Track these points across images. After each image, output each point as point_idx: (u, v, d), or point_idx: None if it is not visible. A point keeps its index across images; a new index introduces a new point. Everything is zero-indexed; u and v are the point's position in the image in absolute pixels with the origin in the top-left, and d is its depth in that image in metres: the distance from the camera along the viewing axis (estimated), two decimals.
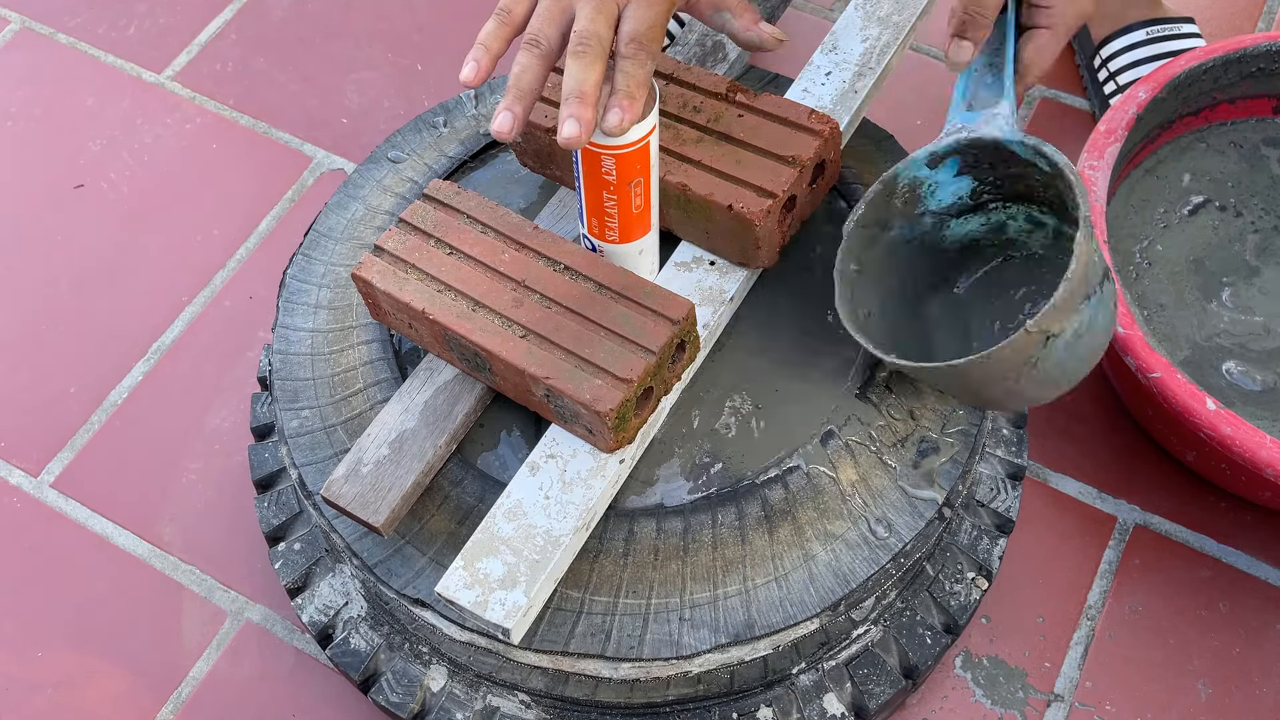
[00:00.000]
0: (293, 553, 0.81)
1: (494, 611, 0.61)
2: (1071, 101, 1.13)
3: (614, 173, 0.62)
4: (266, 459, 0.84)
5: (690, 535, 0.67)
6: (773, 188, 0.68)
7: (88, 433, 0.99)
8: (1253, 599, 0.89)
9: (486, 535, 0.63)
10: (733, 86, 0.73)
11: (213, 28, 1.23)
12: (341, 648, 0.77)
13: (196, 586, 0.92)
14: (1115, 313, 0.64)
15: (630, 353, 0.63)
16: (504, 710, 0.75)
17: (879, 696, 0.74)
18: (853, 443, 0.69)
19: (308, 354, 0.75)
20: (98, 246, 1.08)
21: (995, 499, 0.81)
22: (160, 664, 0.88)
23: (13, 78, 1.20)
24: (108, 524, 0.94)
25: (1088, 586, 0.89)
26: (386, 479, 0.66)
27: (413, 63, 1.19)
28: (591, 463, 0.65)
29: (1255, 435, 0.78)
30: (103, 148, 1.15)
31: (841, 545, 0.68)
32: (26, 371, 1.02)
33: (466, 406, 0.68)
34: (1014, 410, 0.83)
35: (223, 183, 1.12)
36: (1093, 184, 0.88)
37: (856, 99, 0.76)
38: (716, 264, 0.72)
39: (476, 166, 0.81)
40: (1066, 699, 0.85)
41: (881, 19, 0.79)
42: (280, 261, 1.06)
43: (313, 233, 0.80)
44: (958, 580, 0.78)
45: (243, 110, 1.17)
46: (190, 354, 1.02)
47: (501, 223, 0.69)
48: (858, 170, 0.79)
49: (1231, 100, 0.99)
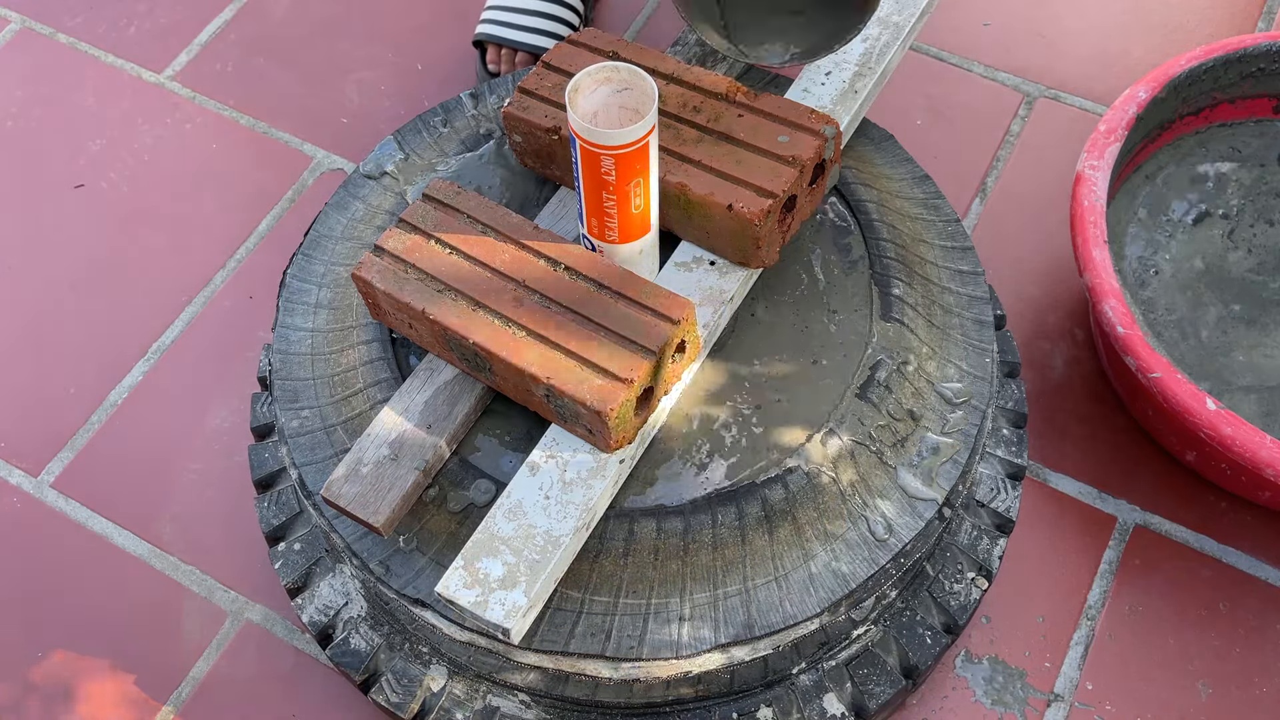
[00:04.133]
0: (293, 553, 0.81)
1: (494, 611, 0.61)
2: (1071, 101, 1.13)
3: (614, 173, 0.63)
4: (266, 459, 0.84)
5: (690, 535, 0.67)
6: (773, 188, 0.68)
7: (88, 433, 0.99)
8: (1253, 599, 0.89)
9: (486, 535, 0.63)
10: (733, 86, 0.73)
11: (213, 28, 1.23)
12: (341, 648, 0.77)
13: (196, 586, 0.92)
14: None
15: (630, 353, 0.63)
16: (504, 710, 0.75)
17: (879, 696, 0.74)
18: (853, 443, 0.69)
19: (308, 354, 0.75)
20: (98, 246, 1.08)
21: (995, 499, 0.81)
22: (160, 664, 0.88)
23: (13, 78, 1.20)
24: (108, 524, 0.94)
25: (1088, 586, 0.89)
26: (386, 479, 0.66)
27: (413, 63, 1.19)
28: (591, 463, 0.65)
29: (1255, 435, 0.78)
30: (103, 148, 1.15)
31: (841, 545, 0.68)
32: (26, 371, 1.02)
33: (466, 406, 0.68)
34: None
35: (222, 183, 1.12)
36: (1093, 184, 0.88)
37: (856, 99, 0.76)
38: (716, 264, 0.72)
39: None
40: (1066, 699, 0.85)
41: (881, 19, 0.79)
42: (280, 261, 1.06)
43: (313, 233, 0.80)
44: (958, 580, 0.78)
45: (243, 110, 1.17)
46: (190, 354, 1.02)
47: (501, 223, 0.69)
48: (857, 170, 0.79)
49: (1232, 100, 0.99)
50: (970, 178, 1.09)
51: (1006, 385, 0.85)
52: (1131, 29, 1.19)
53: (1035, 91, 1.15)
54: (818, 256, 0.75)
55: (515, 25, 1.10)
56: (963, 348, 0.75)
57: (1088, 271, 0.85)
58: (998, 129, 1.12)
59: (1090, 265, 0.85)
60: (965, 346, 0.75)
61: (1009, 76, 1.16)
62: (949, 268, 0.78)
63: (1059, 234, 1.06)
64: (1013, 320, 1.01)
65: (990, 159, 1.10)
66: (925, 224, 0.79)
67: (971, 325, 0.76)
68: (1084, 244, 0.86)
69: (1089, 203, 0.88)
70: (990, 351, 0.75)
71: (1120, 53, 1.17)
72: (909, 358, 0.72)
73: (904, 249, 0.76)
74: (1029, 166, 1.10)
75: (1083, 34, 1.19)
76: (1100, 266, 0.85)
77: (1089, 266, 0.85)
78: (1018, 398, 0.85)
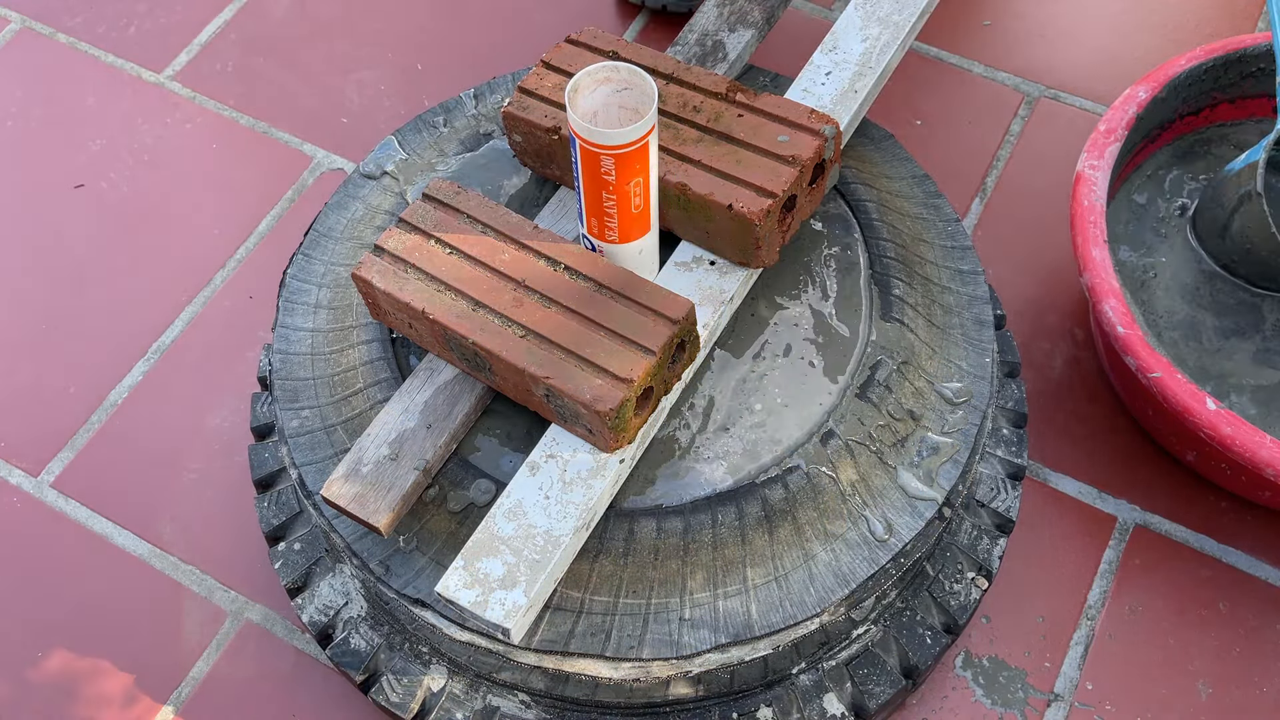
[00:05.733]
0: (293, 553, 0.81)
1: (494, 611, 0.61)
2: (1071, 101, 1.13)
3: (613, 173, 0.63)
4: (266, 459, 0.84)
5: (690, 535, 0.67)
6: (773, 188, 0.68)
7: (88, 433, 0.99)
8: (1253, 599, 0.89)
9: (486, 535, 0.63)
10: (733, 86, 0.73)
11: (213, 28, 1.23)
12: (341, 648, 0.77)
13: (196, 586, 0.92)
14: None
15: (630, 353, 0.63)
16: (504, 710, 0.75)
17: (879, 696, 0.74)
18: (853, 443, 0.69)
19: (308, 354, 0.75)
20: (98, 246, 1.08)
21: (995, 499, 0.81)
22: (160, 664, 0.88)
23: (13, 78, 1.20)
24: (108, 524, 0.94)
25: (1088, 586, 0.89)
26: (386, 479, 0.66)
27: (413, 63, 1.19)
28: (591, 463, 0.65)
29: (1255, 435, 0.78)
30: (103, 148, 1.15)
31: (841, 545, 0.68)
32: (26, 371, 1.02)
33: (466, 406, 0.68)
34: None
35: (223, 183, 1.12)
36: (1093, 184, 0.88)
37: (856, 99, 0.76)
38: (716, 264, 0.72)
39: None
40: (1066, 699, 0.85)
41: (881, 19, 0.79)
42: (280, 261, 1.06)
43: (313, 232, 0.80)
44: (958, 580, 0.78)
45: (243, 110, 1.17)
46: (190, 354, 1.02)
47: (501, 223, 0.69)
48: (857, 170, 0.79)
49: (1232, 100, 0.99)
50: (970, 178, 1.09)
51: (1006, 385, 0.85)
52: (1131, 29, 1.19)
53: (1035, 91, 1.15)
54: (818, 256, 0.75)
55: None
56: (963, 348, 0.75)
57: (1088, 271, 0.85)
58: (998, 129, 1.12)
59: (1090, 265, 0.85)
60: (965, 346, 0.75)
61: (1009, 76, 1.16)
62: (949, 267, 0.78)
63: (1059, 234, 1.06)
64: (1013, 320, 1.01)
65: (990, 159, 1.10)
66: (925, 224, 0.79)
67: (971, 325, 0.76)
68: (1084, 244, 0.86)
69: (1089, 203, 0.88)
70: (990, 351, 0.75)
71: (1120, 53, 1.17)
72: (909, 357, 0.72)
73: (904, 249, 0.76)
74: (1029, 166, 1.10)
75: (1083, 34, 1.19)
76: (1100, 266, 0.85)
77: (1089, 266, 0.85)
78: (1018, 398, 0.85)
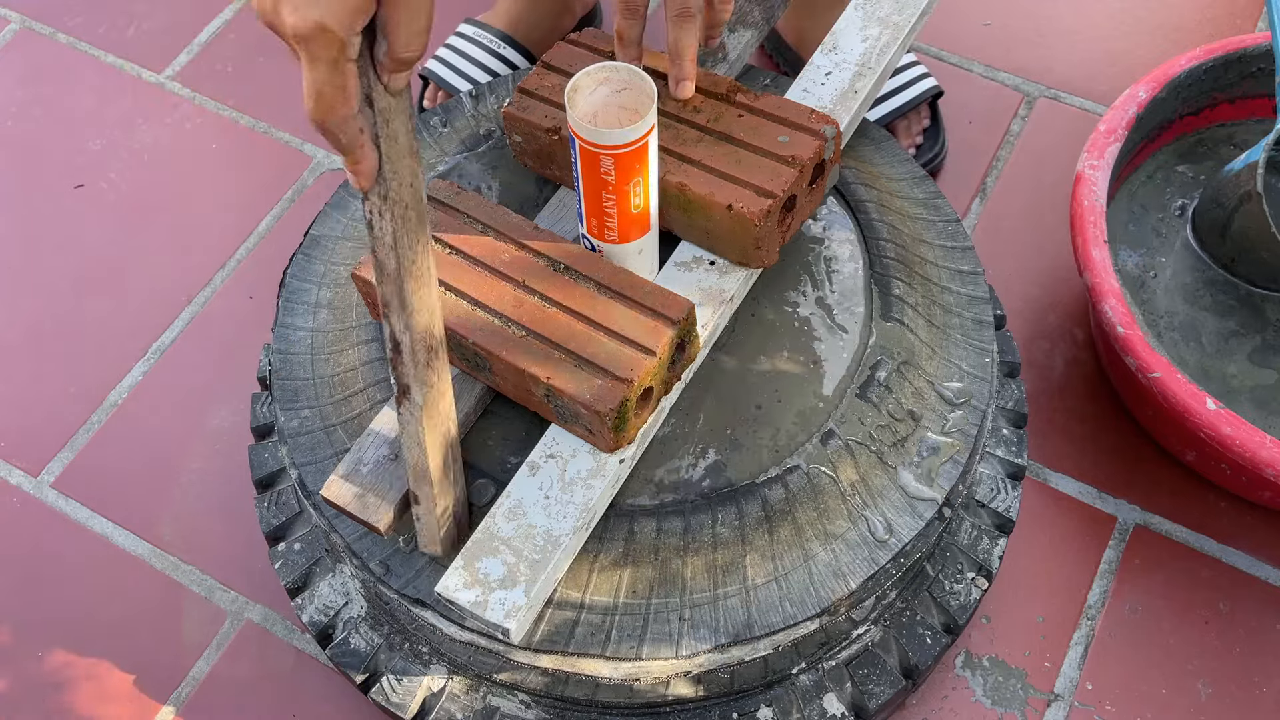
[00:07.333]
0: (293, 553, 0.81)
1: (494, 611, 0.61)
2: (1071, 101, 1.13)
3: (613, 173, 0.62)
4: (266, 459, 0.84)
5: (690, 535, 0.67)
6: (773, 188, 0.68)
7: (88, 433, 0.99)
8: (1253, 599, 0.89)
9: (486, 535, 0.63)
10: (733, 86, 0.73)
11: (213, 28, 1.23)
12: (341, 648, 0.77)
13: (196, 586, 0.92)
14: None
15: (630, 353, 0.63)
16: (504, 710, 0.75)
17: (879, 696, 0.74)
18: (853, 443, 0.69)
19: (308, 354, 0.75)
20: (98, 246, 1.08)
21: (995, 499, 0.81)
22: (160, 664, 0.88)
23: (13, 78, 1.20)
24: (108, 524, 0.94)
25: (1088, 586, 0.89)
26: (386, 479, 0.66)
27: None
28: (591, 463, 0.65)
29: (1255, 435, 0.78)
30: (103, 148, 1.15)
31: (841, 545, 0.68)
32: (26, 371, 1.02)
33: (466, 406, 0.68)
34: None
35: (223, 183, 1.12)
36: (1093, 184, 0.88)
37: (856, 99, 0.76)
38: (716, 264, 0.72)
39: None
40: (1066, 699, 0.85)
41: (881, 19, 0.79)
42: (280, 261, 1.06)
43: (312, 233, 0.80)
44: (958, 580, 0.78)
45: (243, 110, 1.17)
46: (190, 354, 1.02)
47: (501, 223, 0.69)
48: (857, 170, 0.79)
49: (1232, 100, 0.99)
50: (970, 178, 1.09)
51: (1006, 385, 0.85)
52: (1131, 29, 1.19)
53: (1035, 91, 1.15)
54: (818, 256, 0.75)
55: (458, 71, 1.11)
56: (963, 348, 0.75)
57: (1088, 271, 0.85)
58: (998, 129, 1.12)
59: (1090, 265, 0.85)
60: (965, 346, 0.75)
61: (1009, 76, 1.16)
62: (949, 268, 0.78)
63: (1059, 234, 1.06)
64: (1013, 320, 1.01)
65: (990, 159, 1.10)
66: (925, 224, 0.79)
67: (971, 325, 0.76)
68: (1084, 244, 0.86)
69: (1089, 203, 0.88)
70: (990, 351, 0.75)
71: (1120, 53, 1.17)
72: (909, 358, 0.72)
73: (904, 249, 0.76)
74: (1029, 166, 1.10)
75: (1083, 34, 1.19)
76: (1100, 266, 0.85)
77: (1089, 266, 0.85)
78: (1018, 398, 0.85)
